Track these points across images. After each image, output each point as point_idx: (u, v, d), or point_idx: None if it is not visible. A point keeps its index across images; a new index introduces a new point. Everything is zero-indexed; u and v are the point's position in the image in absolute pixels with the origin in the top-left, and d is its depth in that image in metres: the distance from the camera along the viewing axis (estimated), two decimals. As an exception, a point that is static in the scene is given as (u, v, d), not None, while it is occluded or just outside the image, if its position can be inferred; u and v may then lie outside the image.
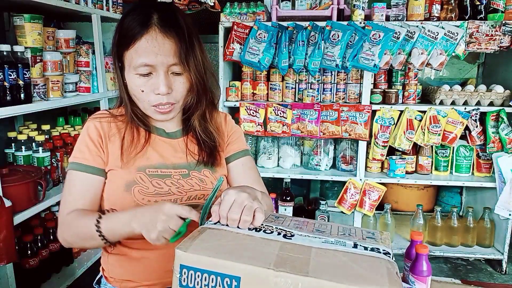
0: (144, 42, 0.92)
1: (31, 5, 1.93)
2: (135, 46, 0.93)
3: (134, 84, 0.96)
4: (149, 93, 0.96)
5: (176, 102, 1.00)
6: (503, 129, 2.47)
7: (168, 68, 0.95)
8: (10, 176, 1.79)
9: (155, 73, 0.94)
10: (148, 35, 0.92)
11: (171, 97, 0.97)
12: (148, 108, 0.99)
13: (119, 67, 0.99)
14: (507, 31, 2.39)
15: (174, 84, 0.97)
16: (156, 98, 0.96)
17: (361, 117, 2.57)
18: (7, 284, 1.73)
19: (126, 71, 0.97)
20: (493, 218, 2.63)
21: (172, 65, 0.94)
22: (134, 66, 0.94)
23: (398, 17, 2.48)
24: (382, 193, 2.65)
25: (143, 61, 0.92)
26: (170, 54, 0.93)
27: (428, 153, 2.71)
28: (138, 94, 0.97)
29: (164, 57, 0.93)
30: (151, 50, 0.92)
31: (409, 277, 1.00)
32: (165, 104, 0.97)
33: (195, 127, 1.07)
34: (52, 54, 2.04)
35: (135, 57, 0.93)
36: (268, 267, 0.60)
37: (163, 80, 0.94)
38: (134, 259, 1.02)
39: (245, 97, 2.72)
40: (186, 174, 1.04)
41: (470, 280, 2.50)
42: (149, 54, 0.92)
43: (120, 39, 0.96)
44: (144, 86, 0.95)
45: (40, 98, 1.96)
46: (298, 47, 2.44)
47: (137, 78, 0.95)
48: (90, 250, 2.49)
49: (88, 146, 1.00)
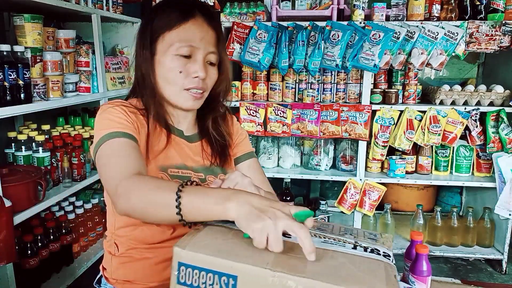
0: (191, 25, 0.96)
1: (31, 5, 1.93)
2: (180, 27, 0.95)
3: (171, 65, 0.96)
4: (186, 76, 0.97)
5: (206, 90, 1.02)
6: (503, 129, 2.47)
7: (206, 56, 0.98)
8: (10, 176, 1.79)
9: (194, 57, 0.97)
10: (195, 20, 0.96)
11: (204, 83, 0.99)
12: (179, 92, 0.98)
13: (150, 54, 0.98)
14: (507, 31, 2.39)
15: (208, 72, 0.99)
16: (192, 81, 0.97)
17: (361, 117, 2.57)
18: (7, 284, 1.73)
19: (161, 53, 0.97)
20: (493, 218, 2.63)
21: (210, 53, 0.98)
22: (176, 47, 0.95)
23: (398, 17, 2.48)
24: (382, 193, 2.65)
25: (188, 42, 0.95)
26: (211, 42, 0.98)
27: (428, 153, 2.71)
28: (174, 76, 0.96)
29: (207, 43, 0.97)
30: (198, 33, 0.96)
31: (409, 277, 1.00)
32: (199, 89, 0.98)
33: (209, 127, 1.09)
34: (52, 54, 2.04)
35: (179, 37, 0.95)
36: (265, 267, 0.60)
37: (202, 65, 0.97)
38: (138, 261, 1.00)
39: (245, 97, 2.72)
40: (203, 178, 1.05)
41: (470, 280, 2.50)
42: (195, 36, 0.95)
43: (159, 24, 0.97)
44: (182, 68, 0.96)
45: (40, 98, 1.96)
46: (298, 47, 2.44)
47: (176, 59, 0.96)
48: (90, 250, 2.49)
49: (123, 118, 0.94)
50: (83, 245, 2.44)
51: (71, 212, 2.36)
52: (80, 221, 2.42)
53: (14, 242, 1.74)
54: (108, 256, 1.06)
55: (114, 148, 0.87)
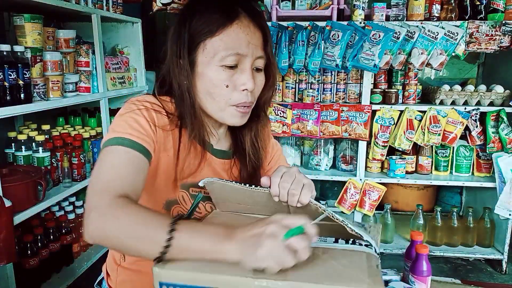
0: (236, 28, 0.81)
1: (31, 5, 1.93)
2: (223, 32, 0.81)
3: (216, 78, 0.82)
4: (233, 90, 0.84)
5: (254, 101, 0.89)
6: (503, 129, 2.47)
7: (254, 62, 0.85)
8: (10, 176, 1.79)
9: (240, 66, 0.83)
10: (240, 22, 0.82)
11: (252, 95, 0.86)
12: (225, 108, 0.85)
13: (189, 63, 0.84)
14: (507, 31, 2.39)
15: (255, 80, 0.86)
16: (240, 95, 0.84)
17: (361, 117, 2.57)
18: (7, 284, 1.73)
19: (204, 64, 0.83)
20: (493, 218, 2.63)
21: (257, 58, 0.85)
22: (220, 56, 0.81)
23: (398, 17, 2.48)
24: (382, 193, 2.65)
25: (234, 49, 0.81)
26: (258, 45, 0.85)
27: (428, 153, 2.71)
28: (220, 90, 0.83)
29: (254, 47, 0.83)
30: (244, 37, 0.82)
31: (409, 277, 1.00)
32: (248, 104, 0.85)
33: (245, 143, 0.96)
34: (52, 54, 2.04)
35: (223, 44, 0.81)
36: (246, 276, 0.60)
37: (251, 75, 0.83)
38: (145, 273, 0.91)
39: (245, 97, 2.72)
40: None
41: (470, 280, 2.49)
42: (241, 42, 0.81)
43: (196, 29, 0.83)
44: (228, 81, 0.83)
45: (40, 98, 1.96)
46: (298, 47, 2.44)
47: (222, 71, 0.82)
48: (90, 250, 2.49)
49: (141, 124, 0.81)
50: (83, 245, 2.44)
51: (71, 212, 2.36)
52: (80, 221, 2.42)
53: (14, 242, 1.74)
54: (114, 265, 0.99)
55: (115, 157, 0.77)
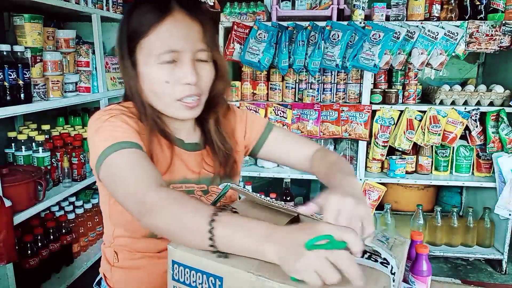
0: (169, 24, 0.81)
1: (31, 5, 1.93)
2: (156, 30, 0.81)
3: (156, 76, 0.83)
4: (175, 85, 0.84)
5: (203, 93, 0.89)
6: (503, 129, 2.47)
7: (194, 55, 0.84)
8: (10, 176, 1.79)
9: (180, 61, 0.83)
10: (173, 18, 0.82)
11: (198, 87, 0.86)
12: (171, 104, 0.86)
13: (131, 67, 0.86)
14: (507, 31, 2.39)
15: (200, 73, 0.86)
16: (183, 89, 0.84)
17: (361, 117, 2.57)
18: (7, 284, 1.73)
19: (143, 64, 0.84)
20: (493, 218, 2.63)
21: (199, 51, 0.84)
22: (156, 54, 0.82)
23: (398, 17, 2.48)
24: (382, 193, 2.65)
25: (168, 47, 0.81)
26: (198, 38, 0.84)
27: (428, 153, 2.71)
28: (162, 87, 0.84)
29: (192, 41, 0.83)
30: (178, 33, 0.82)
31: (409, 277, 1.00)
32: (193, 96, 0.86)
33: (211, 132, 0.97)
34: (52, 54, 2.04)
35: (157, 42, 0.81)
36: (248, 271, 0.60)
37: (191, 67, 0.83)
38: (138, 270, 0.95)
39: (245, 97, 2.72)
40: (205, 190, 0.96)
41: (470, 280, 2.50)
42: (176, 38, 0.81)
43: (133, 28, 0.83)
44: (168, 76, 0.83)
45: (40, 98, 1.96)
46: (298, 47, 2.44)
47: (160, 68, 0.83)
48: (90, 250, 2.49)
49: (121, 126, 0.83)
50: (83, 245, 2.44)
51: (71, 212, 2.36)
52: (80, 221, 2.42)
53: (14, 242, 1.74)
54: (108, 266, 0.99)
55: (126, 160, 0.77)
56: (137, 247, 0.94)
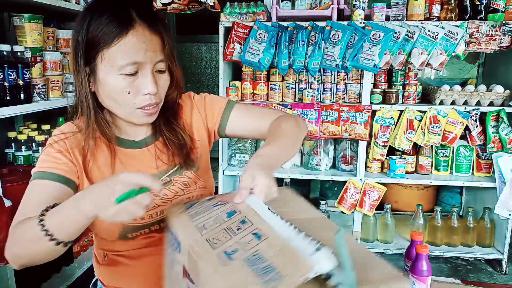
0: (131, 38, 0.83)
1: (31, 5, 1.93)
2: (119, 43, 0.83)
3: (118, 86, 0.86)
4: (136, 95, 0.87)
5: (161, 101, 0.93)
6: (503, 129, 2.47)
7: (154, 66, 0.88)
8: (10, 176, 1.79)
9: (141, 72, 0.87)
10: (135, 31, 0.84)
11: (157, 96, 0.90)
12: (132, 112, 0.90)
13: (86, 72, 0.88)
14: (507, 31, 2.39)
15: (159, 82, 0.90)
16: (143, 99, 0.88)
17: (361, 117, 2.57)
18: (7, 284, 1.73)
19: (104, 73, 0.86)
20: (493, 218, 2.63)
21: (158, 62, 0.89)
22: (119, 66, 0.84)
23: (398, 17, 2.48)
24: (382, 193, 2.65)
25: (131, 59, 0.84)
26: (157, 50, 0.88)
27: (428, 153, 2.71)
28: (123, 97, 0.87)
29: (153, 53, 0.86)
30: (140, 46, 0.84)
31: (409, 277, 1.00)
32: (153, 105, 0.90)
33: (162, 129, 0.99)
34: (52, 54, 2.04)
35: (120, 54, 0.84)
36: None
37: (152, 79, 0.87)
38: (125, 269, 1.00)
39: (245, 97, 2.72)
40: (168, 181, 0.98)
41: (470, 280, 2.50)
42: (138, 51, 0.84)
43: (94, 37, 0.84)
44: (130, 87, 0.86)
45: (40, 98, 1.96)
46: (298, 47, 2.44)
47: (122, 79, 0.85)
48: (90, 250, 2.49)
49: (54, 155, 0.90)
50: (83, 245, 2.44)
51: (71, 212, 2.35)
52: (80, 221, 2.42)
53: (14, 242, 1.74)
54: (97, 265, 1.05)
55: (29, 190, 0.87)
56: (116, 247, 0.99)
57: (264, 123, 1.04)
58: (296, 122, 1.03)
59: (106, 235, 0.96)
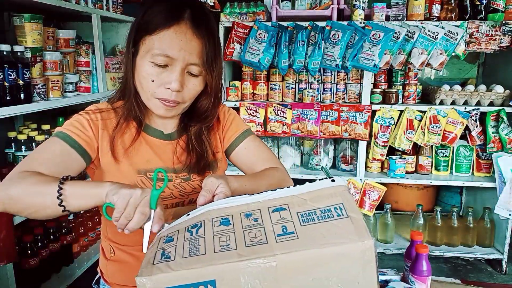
0: (171, 32, 0.87)
1: (31, 5, 1.93)
2: (161, 33, 0.87)
3: (145, 71, 0.90)
4: (158, 85, 0.90)
5: (183, 102, 0.95)
6: (503, 129, 2.47)
7: (186, 66, 0.90)
8: (10, 176, 1.79)
9: (171, 67, 0.89)
10: (178, 27, 0.87)
11: (179, 95, 0.92)
12: (150, 99, 0.93)
13: (132, 51, 0.93)
14: (507, 31, 2.39)
15: (187, 84, 0.92)
16: (164, 92, 0.91)
17: (361, 117, 2.57)
18: (7, 284, 1.73)
19: (140, 56, 0.91)
20: (493, 218, 2.63)
21: (191, 64, 0.90)
22: (152, 54, 0.88)
23: (398, 17, 2.48)
24: (382, 193, 2.65)
25: (164, 51, 0.87)
26: (194, 53, 0.89)
27: (428, 153, 2.71)
28: (147, 82, 0.91)
29: (187, 54, 0.88)
30: (177, 43, 0.87)
31: (409, 277, 1.00)
32: (171, 101, 0.92)
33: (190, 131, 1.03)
34: (52, 54, 2.04)
35: (157, 44, 0.88)
36: (236, 260, 0.59)
37: (178, 77, 0.89)
38: (133, 266, 1.00)
39: (245, 97, 2.72)
40: (187, 177, 1.01)
41: (470, 280, 2.49)
42: (173, 46, 0.87)
43: (144, 23, 0.90)
44: (156, 77, 0.90)
45: (40, 98, 1.96)
46: (298, 47, 2.44)
47: (151, 66, 0.89)
48: (90, 250, 2.49)
49: (82, 124, 0.95)
50: (83, 245, 2.44)
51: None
52: (80, 221, 2.42)
53: (14, 242, 1.74)
54: (104, 260, 1.06)
55: (50, 145, 0.90)
56: (126, 240, 0.99)
57: (262, 166, 1.05)
58: (283, 176, 1.03)
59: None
